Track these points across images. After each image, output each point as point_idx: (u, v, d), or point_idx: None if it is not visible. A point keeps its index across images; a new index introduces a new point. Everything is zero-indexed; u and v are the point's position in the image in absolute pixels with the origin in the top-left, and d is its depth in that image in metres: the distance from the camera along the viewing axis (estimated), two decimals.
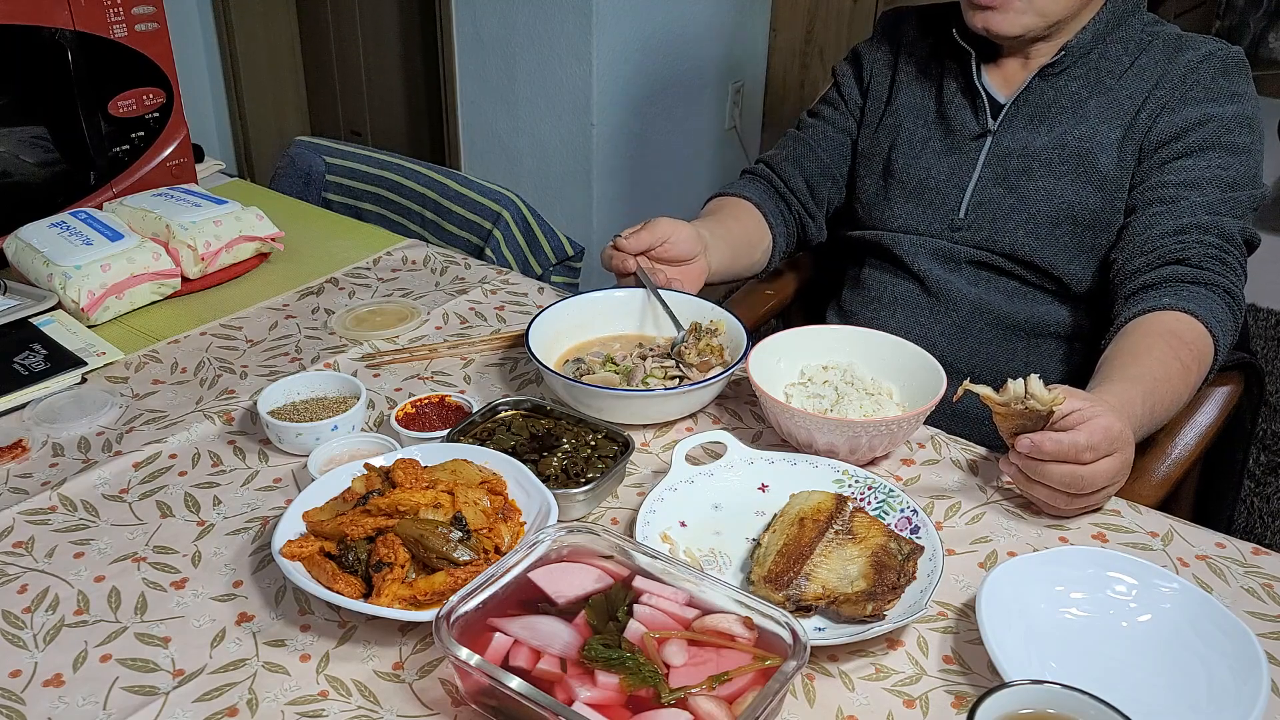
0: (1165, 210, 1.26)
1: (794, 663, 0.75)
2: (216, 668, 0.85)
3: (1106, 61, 1.33)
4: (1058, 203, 1.33)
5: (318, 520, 0.92)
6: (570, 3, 2.77)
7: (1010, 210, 1.36)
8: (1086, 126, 1.32)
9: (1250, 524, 2.37)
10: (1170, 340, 1.14)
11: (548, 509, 0.93)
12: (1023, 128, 1.36)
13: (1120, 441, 0.97)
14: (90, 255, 1.35)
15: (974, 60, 1.38)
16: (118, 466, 1.08)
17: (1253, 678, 0.80)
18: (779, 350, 1.18)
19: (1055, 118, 1.34)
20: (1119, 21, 1.34)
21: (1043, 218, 1.34)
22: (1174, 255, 1.22)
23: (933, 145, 1.42)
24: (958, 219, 1.40)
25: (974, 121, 1.39)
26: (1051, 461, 0.97)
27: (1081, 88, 1.34)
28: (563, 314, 1.26)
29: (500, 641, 0.79)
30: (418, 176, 1.85)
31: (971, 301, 1.39)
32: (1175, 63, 1.31)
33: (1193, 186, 1.26)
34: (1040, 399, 0.95)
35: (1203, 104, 1.28)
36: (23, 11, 1.40)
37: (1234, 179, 1.26)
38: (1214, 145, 1.27)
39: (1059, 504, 1.00)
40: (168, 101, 1.57)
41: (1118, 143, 1.31)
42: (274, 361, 1.28)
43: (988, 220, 1.38)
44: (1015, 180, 1.36)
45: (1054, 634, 0.88)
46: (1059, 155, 1.33)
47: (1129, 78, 1.32)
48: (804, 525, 0.94)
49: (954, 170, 1.40)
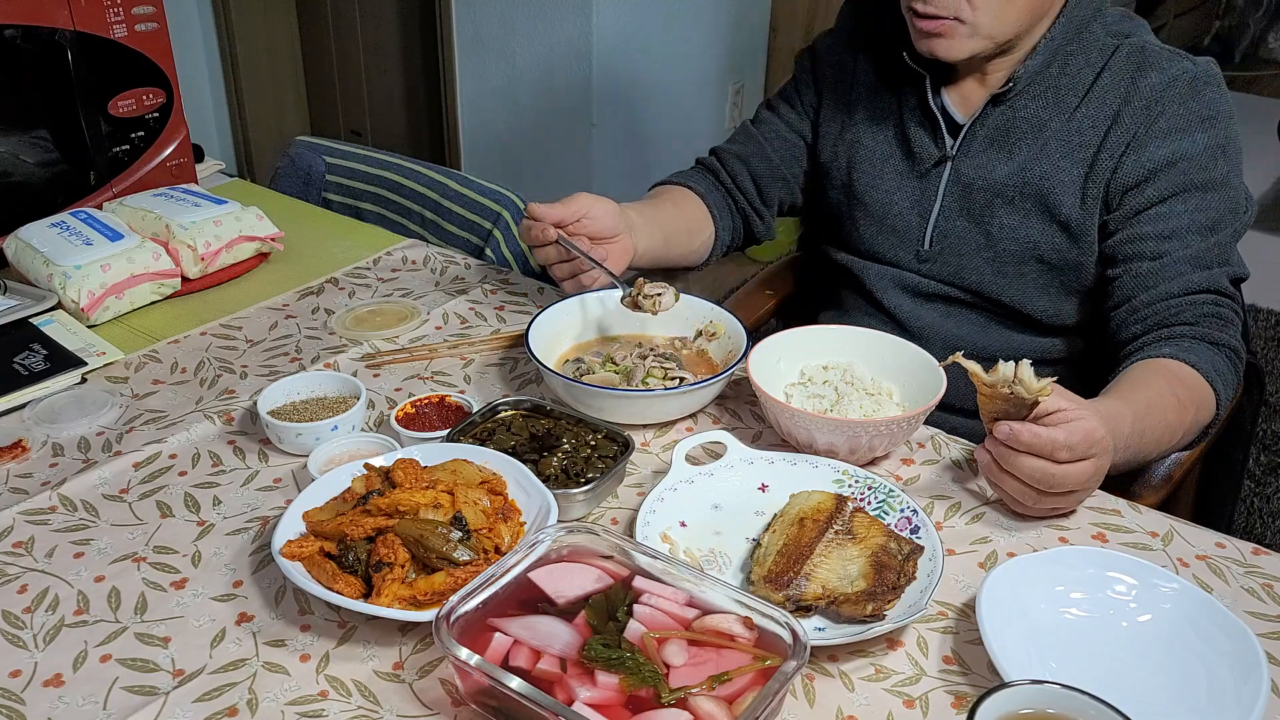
0: (1150, 270, 1.21)
1: (794, 663, 0.75)
2: (216, 668, 0.85)
3: (1067, 78, 1.27)
4: (1023, 242, 1.29)
5: (318, 520, 0.92)
6: (570, 3, 2.77)
7: (977, 248, 1.33)
8: (1047, 162, 1.27)
9: (1250, 524, 2.37)
10: (1169, 378, 1.13)
11: (548, 509, 0.93)
12: (982, 153, 1.31)
13: (1099, 448, 0.96)
14: (90, 255, 1.35)
15: (928, 81, 1.32)
16: (118, 466, 1.08)
17: (1253, 678, 0.81)
18: (779, 350, 1.18)
19: (1015, 143, 1.29)
20: (1078, 31, 1.26)
21: (1009, 256, 1.31)
22: (1168, 320, 1.20)
23: (893, 165, 1.38)
24: (923, 250, 1.37)
25: (933, 145, 1.34)
26: (1025, 454, 0.96)
27: (1041, 108, 1.27)
28: (563, 314, 1.26)
29: (500, 641, 0.79)
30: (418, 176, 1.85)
31: (944, 336, 1.36)
32: (1139, 86, 1.23)
33: (1172, 238, 1.21)
34: (1027, 385, 0.95)
35: (1170, 139, 1.21)
36: (23, 11, 1.39)
37: (1214, 220, 1.21)
38: (1188, 187, 1.21)
39: (1026, 500, 0.99)
40: (168, 101, 1.57)
41: (1080, 182, 1.25)
42: (274, 361, 1.28)
43: (954, 255, 1.35)
44: (979, 214, 1.32)
45: (1054, 634, 0.88)
46: (1020, 193, 1.28)
47: (1091, 101, 1.25)
48: (804, 525, 0.94)
49: (916, 198, 1.36)
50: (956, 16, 1.20)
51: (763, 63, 3.39)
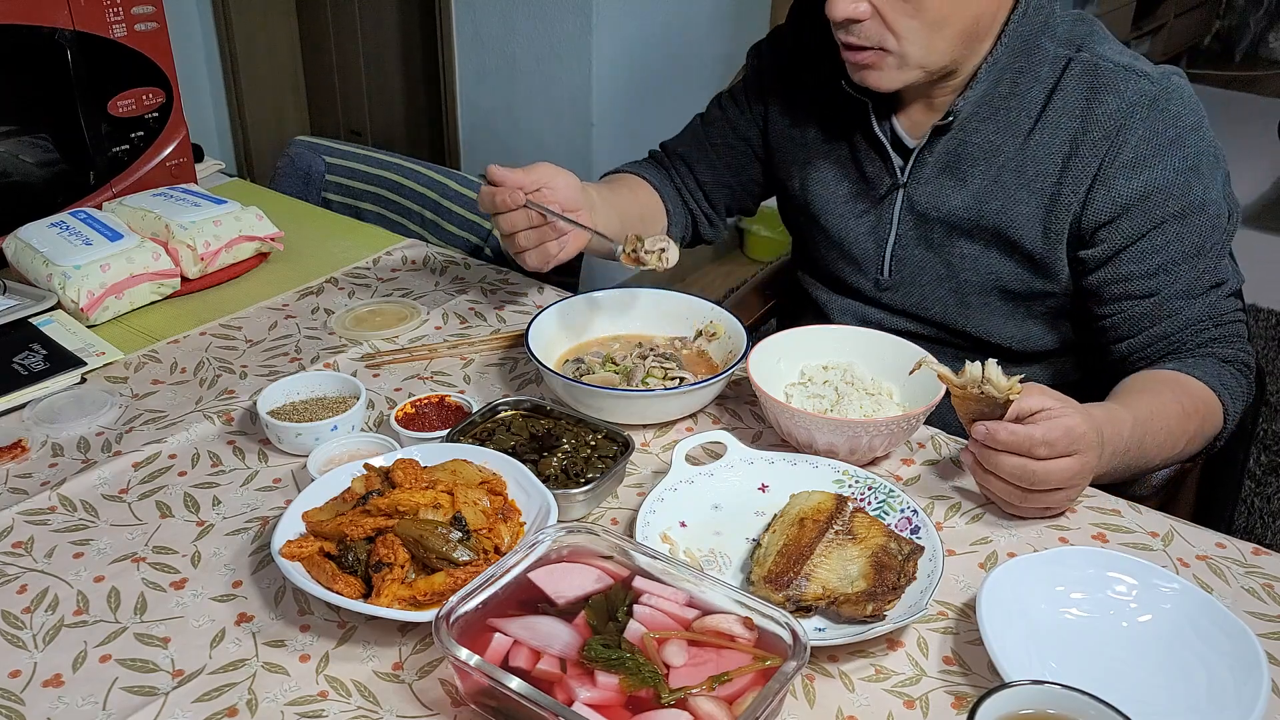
0: (1145, 309, 1.18)
1: (794, 663, 0.75)
2: (216, 668, 0.85)
3: (1017, 99, 1.20)
4: (985, 274, 1.25)
5: (317, 520, 0.92)
6: (570, 3, 2.77)
7: (938, 278, 1.29)
8: (1003, 194, 1.21)
9: (1250, 524, 2.37)
10: (1174, 387, 1.13)
11: (547, 509, 0.93)
12: (933, 180, 1.25)
13: (1082, 444, 0.96)
14: (90, 255, 1.35)
15: (870, 109, 1.26)
16: (117, 466, 1.08)
17: (1253, 678, 0.80)
18: (779, 350, 1.18)
19: (967, 170, 1.23)
20: (1026, 50, 1.19)
21: (971, 287, 1.27)
22: (1171, 352, 1.18)
23: (846, 190, 1.33)
24: (882, 279, 1.32)
25: (883, 172, 1.29)
26: (1005, 452, 0.96)
27: (993, 133, 1.21)
28: (563, 314, 1.26)
29: (500, 642, 0.79)
30: (418, 176, 1.85)
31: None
32: (1095, 113, 1.15)
33: (1160, 272, 1.16)
34: (997, 385, 0.95)
35: (1139, 170, 1.14)
36: (23, 11, 1.39)
37: (1198, 244, 1.16)
38: (1165, 218, 1.15)
39: (1011, 499, 0.99)
40: (167, 101, 1.57)
41: (1040, 215, 1.20)
42: (274, 361, 1.28)
43: (914, 284, 1.31)
44: (938, 243, 1.27)
45: (1054, 634, 0.88)
46: (977, 225, 1.23)
47: (1045, 126, 1.18)
48: (804, 525, 0.94)
49: (872, 225, 1.32)
50: (881, 47, 1.15)
51: None
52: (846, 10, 1.14)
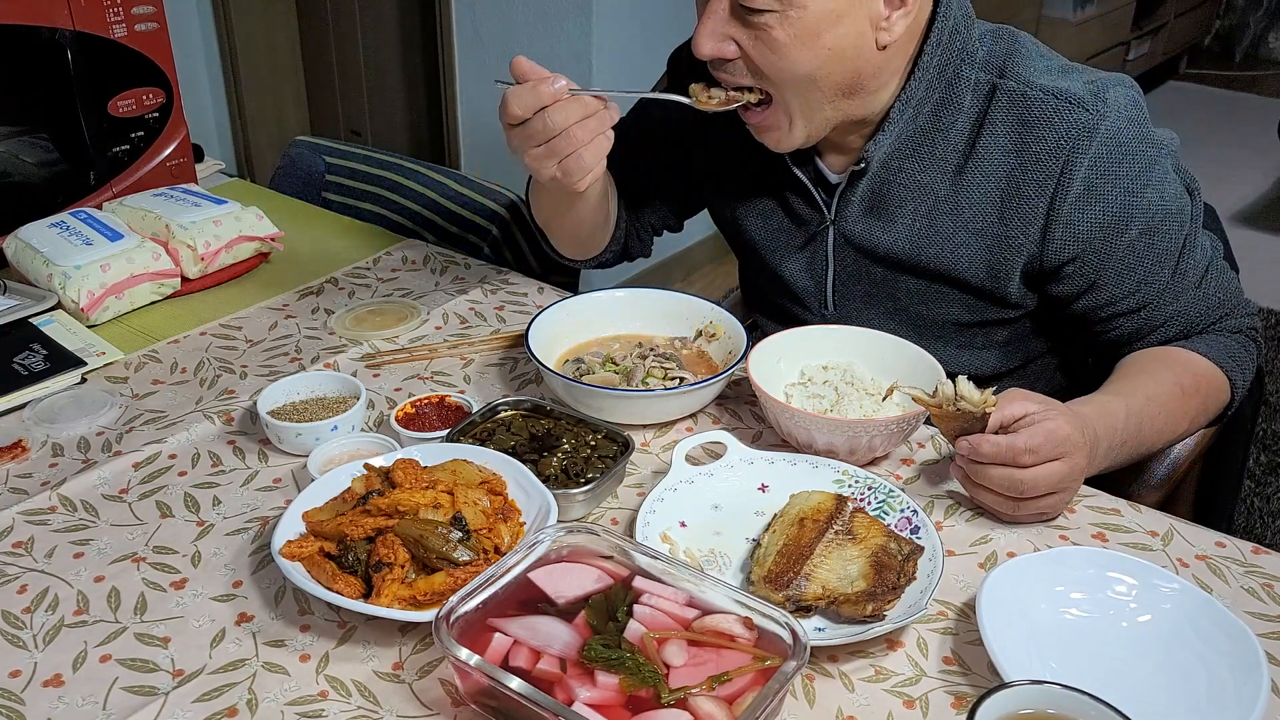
0: (1138, 323, 1.16)
1: (794, 663, 0.75)
2: (216, 668, 0.85)
3: (940, 133, 1.13)
4: (934, 306, 1.21)
5: (317, 520, 0.92)
6: (570, 3, 2.77)
7: (886, 313, 1.24)
8: (940, 239, 1.15)
9: (1250, 524, 2.37)
10: (1174, 366, 1.12)
11: (547, 509, 0.93)
12: (860, 219, 1.20)
13: (1067, 446, 0.95)
14: (90, 255, 1.35)
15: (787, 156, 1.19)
16: (117, 466, 1.08)
17: (1253, 678, 0.80)
18: (779, 350, 1.18)
19: (895, 210, 1.17)
20: (945, 81, 1.12)
21: (923, 320, 1.22)
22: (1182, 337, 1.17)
23: (776, 225, 1.27)
24: (828, 313, 1.28)
25: (811, 208, 1.23)
26: (991, 464, 0.96)
27: (917, 171, 1.15)
28: (563, 314, 1.26)
29: (500, 642, 0.79)
30: (418, 176, 1.85)
31: None
32: (1030, 149, 1.09)
33: (1143, 286, 1.13)
34: (970, 400, 0.95)
35: (1090, 202, 1.09)
36: (23, 11, 1.39)
37: (1170, 248, 1.12)
38: (1130, 239, 1.11)
39: (1004, 509, 0.99)
40: (168, 101, 1.57)
41: (984, 258, 1.15)
42: (274, 361, 1.28)
43: (862, 320, 1.24)
44: (881, 280, 1.22)
45: (1054, 634, 0.88)
46: (917, 265, 1.18)
47: (976, 165, 1.12)
48: (804, 525, 0.94)
49: (807, 262, 1.27)
50: (764, 90, 1.09)
51: None
52: (710, 49, 1.07)
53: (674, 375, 1.18)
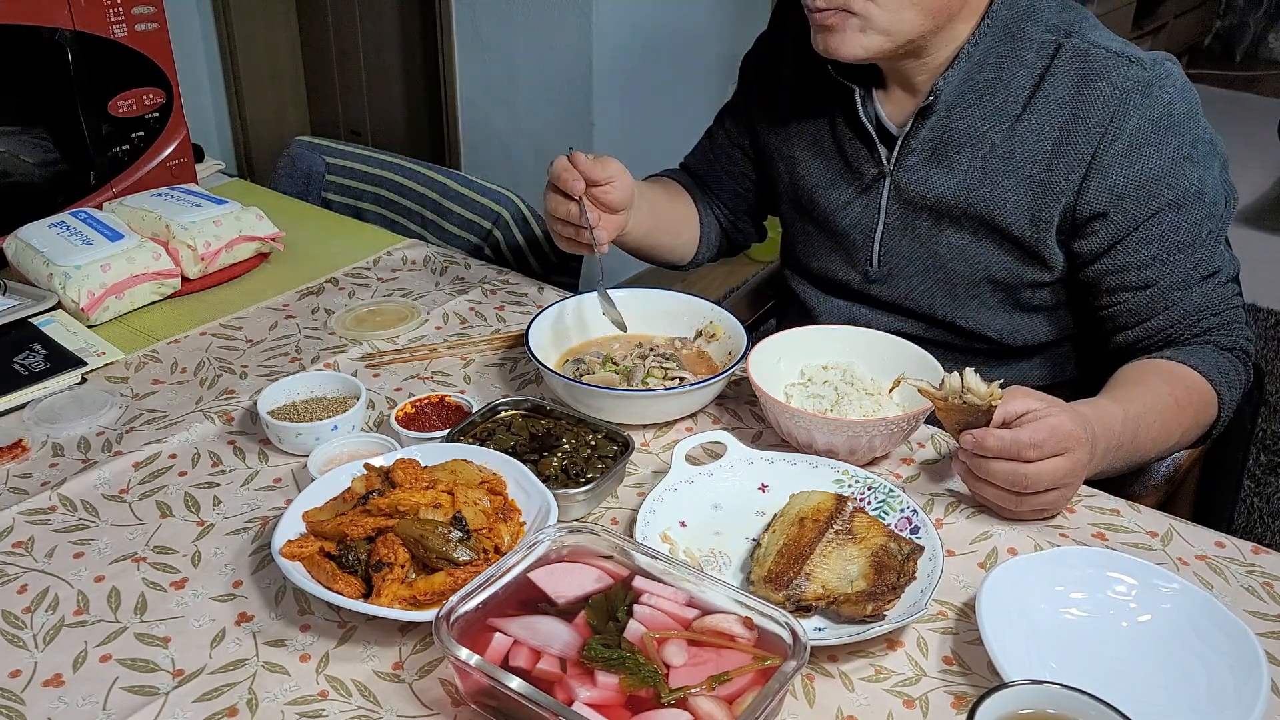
0: (1141, 301, 1.18)
1: (794, 663, 0.75)
2: (216, 668, 0.85)
3: (1003, 84, 1.17)
4: (973, 263, 1.24)
5: (318, 520, 0.92)
6: (570, 3, 2.77)
7: (925, 269, 1.28)
8: (991, 183, 1.19)
9: (1250, 524, 2.37)
10: (1168, 378, 1.13)
11: (547, 509, 0.93)
12: (919, 167, 1.23)
13: (1070, 442, 0.96)
14: (90, 255, 1.35)
15: (857, 94, 1.24)
16: (118, 466, 1.08)
17: (1253, 678, 0.81)
18: (779, 350, 1.18)
19: (954, 156, 1.21)
20: (1010, 34, 1.17)
21: (959, 278, 1.26)
22: (1170, 342, 1.18)
23: (832, 180, 1.32)
24: (871, 270, 1.31)
25: (869, 161, 1.27)
26: (995, 458, 0.96)
27: (979, 119, 1.19)
28: (563, 314, 1.26)
29: (500, 641, 0.79)
30: (418, 176, 1.85)
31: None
32: (1087, 98, 1.13)
33: (1156, 263, 1.15)
34: (977, 392, 0.95)
35: (1133, 159, 1.12)
36: (23, 11, 1.40)
37: (1194, 234, 1.15)
38: (1161, 207, 1.13)
39: (1007, 504, 0.99)
40: (168, 101, 1.57)
41: (1029, 204, 1.18)
42: (274, 361, 1.28)
43: (902, 277, 1.30)
44: (925, 234, 1.26)
45: (1054, 634, 0.88)
46: (965, 213, 1.22)
47: (1033, 111, 1.16)
48: (804, 525, 0.94)
49: (859, 215, 1.30)
50: (846, 8, 1.12)
51: None
52: None
53: (674, 375, 1.18)
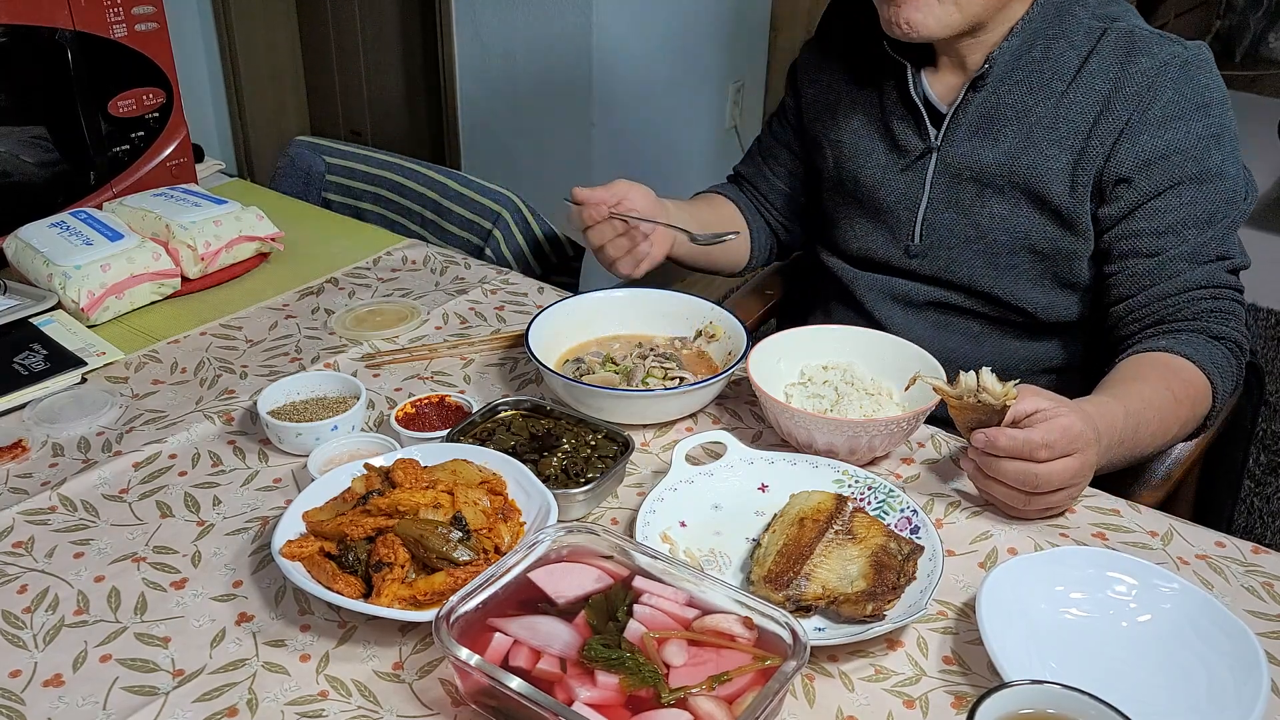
0: (1148, 269, 1.20)
1: (794, 663, 0.75)
2: (216, 668, 0.85)
3: (1050, 62, 1.23)
4: (1014, 232, 1.28)
5: (318, 520, 0.92)
6: (570, 3, 2.77)
7: (966, 240, 1.31)
8: (1035, 150, 1.24)
9: (1250, 524, 2.37)
10: (1163, 372, 1.14)
11: (548, 509, 0.93)
12: (966, 141, 1.28)
13: (1080, 442, 0.96)
14: (90, 255, 1.35)
15: (909, 71, 1.30)
16: (118, 466, 1.08)
17: (1253, 678, 0.81)
18: (779, 350, 1.18)
19: (1000, 129, 1.26)
20: (1059, 15, 1.23)
21: (1000, 247, 1.29)
22: (1167, 317, 1.20)
23: (878, 159, 1.36)
24: (912, 245, 1.35)
25: (916, 137, 1.32)
26: (1006, 458, 0.97)
27: (1026, 94, 1.24)
28: (563, 314, 1.26)
29: (500, 641, 0.79)
30: (418, 176, 1.85)
31: (936, 349, 1.27)
32: (1129, 72, 1.19)
33: (1169, 233, 1.19)
34: (992, 392, 0.95)
35: (1164, 128, 1.18)
36: (23, 11, 1.39)
37: (1210, 212, 1.19)
38: (1182, 179, 1.18)
39: (1016, 503, 1.00)
40: (168, 101, 1.57)
41: (1069, 170, 1.23)
42: (274, 361, 1.28)
43: (943, 249, 1.33)
44: (968, 205, 1.30)
45: (1054, 634, 0.88)
46: (1009, 182, 1.26)
47: (1078, 86, 1.22)
48: (804, 525, 0.94)
49: (903, 192, 1.34)
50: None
51: (763, 61, 3.39)
52: None
53: (674, 375, 1.18)
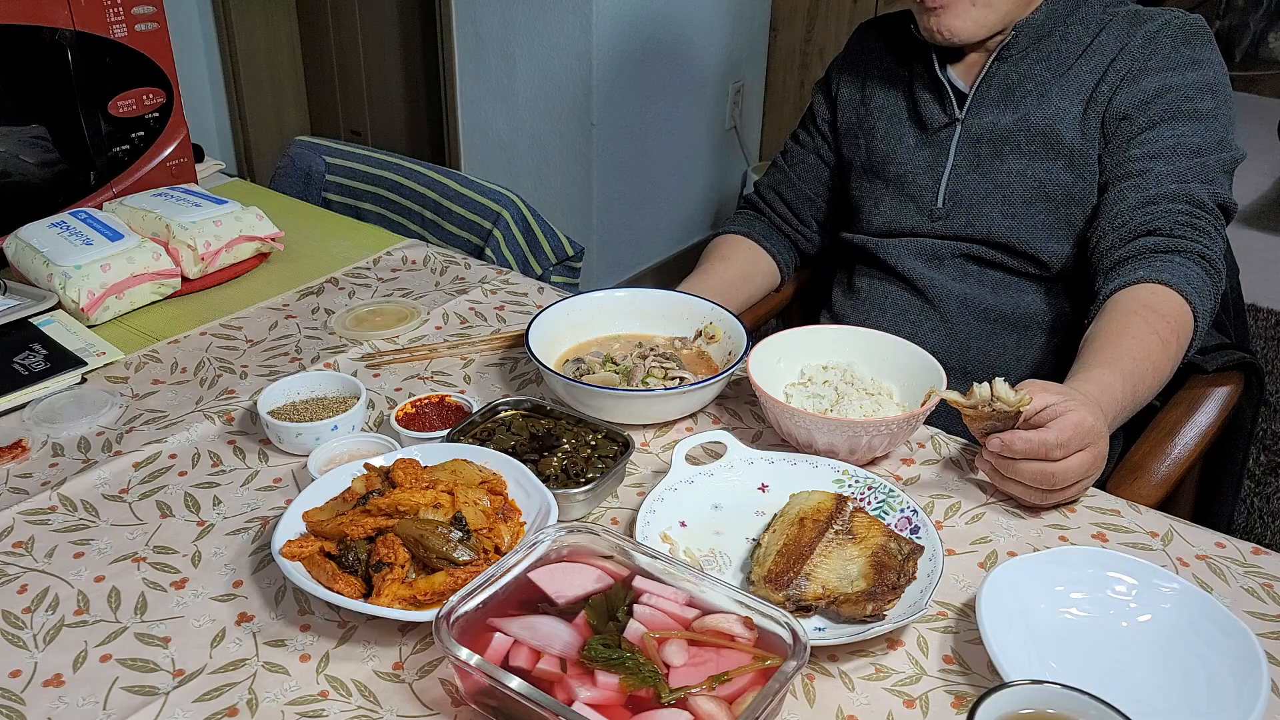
0: (1133, 184, 1.27)
1: (794, 663, 0.75)
2: (216, 668, 0.85)
3: (1067, 43, 1.34)
4: (1030, 182, 1.35)
5: (318, 520, 0.92)
6: (570, 3, 2.77)
7: (985, 195, 1.38)
8: (1050, 105, 1.33)
9: (1250, 524, 2.37)
10: (1147, 316, 1.15)
11: (548, 509, 0.93)
12: (989, 112, 1.37)
13: (1092, 435, 0.98)
14: (90, 255, 1.35)
15: (934, 55, 1.39)
16: (118, 466, 1.08)
17: (1253, 678, 0.80)
18: (779, 350, 1.18)
19: (1020, 100, 1.35)
20: (1076, 4, 1.34)
21: (1017, 199, 1.36)
22: (1144, 227, 1.23)
23: (906, 141, 1.44)
24: (936, 210, 1.41)
25: (941, 112, 1.40)
26: (1022, 460, 0.98)
27: (1044, 70, 1.34)
28: (563, 314, 1.26)
29: (500, 641, 0.79)
30: (418, 176, 1.85)
31: (957, 297, 1.40)
32: (1134, 36, 1.31)
33: (1157, 157, 1.27)
34: (1006, 400, 0.96)
35: (1161, 73, 1.29)
36: (23, 11, 1.39)
37: (1199, 145, 1.26)
38: (1175, 115, 1.27)
39: (1034, 499, 1.02)
40: (168, 101, 1.57)
41: (1080, 115, 1.32)
42: (274, 361, 1.28)
43: (964, 207, 1.39)
44: (988, 165, 1.37)
45: (1054, 634, 0.88)
46: (1026, 135, 1.34)
47: (1090, 55, 1.33)
48: (804, 525, 0.94)
49: (929, 163, 1.42)
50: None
51: (763, 62, 3.39)
52: None
53: (674, 375, 1.18)
